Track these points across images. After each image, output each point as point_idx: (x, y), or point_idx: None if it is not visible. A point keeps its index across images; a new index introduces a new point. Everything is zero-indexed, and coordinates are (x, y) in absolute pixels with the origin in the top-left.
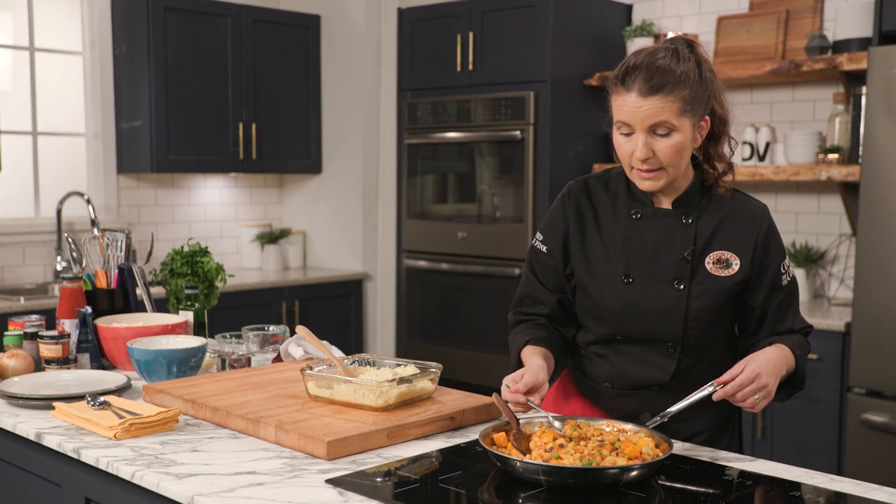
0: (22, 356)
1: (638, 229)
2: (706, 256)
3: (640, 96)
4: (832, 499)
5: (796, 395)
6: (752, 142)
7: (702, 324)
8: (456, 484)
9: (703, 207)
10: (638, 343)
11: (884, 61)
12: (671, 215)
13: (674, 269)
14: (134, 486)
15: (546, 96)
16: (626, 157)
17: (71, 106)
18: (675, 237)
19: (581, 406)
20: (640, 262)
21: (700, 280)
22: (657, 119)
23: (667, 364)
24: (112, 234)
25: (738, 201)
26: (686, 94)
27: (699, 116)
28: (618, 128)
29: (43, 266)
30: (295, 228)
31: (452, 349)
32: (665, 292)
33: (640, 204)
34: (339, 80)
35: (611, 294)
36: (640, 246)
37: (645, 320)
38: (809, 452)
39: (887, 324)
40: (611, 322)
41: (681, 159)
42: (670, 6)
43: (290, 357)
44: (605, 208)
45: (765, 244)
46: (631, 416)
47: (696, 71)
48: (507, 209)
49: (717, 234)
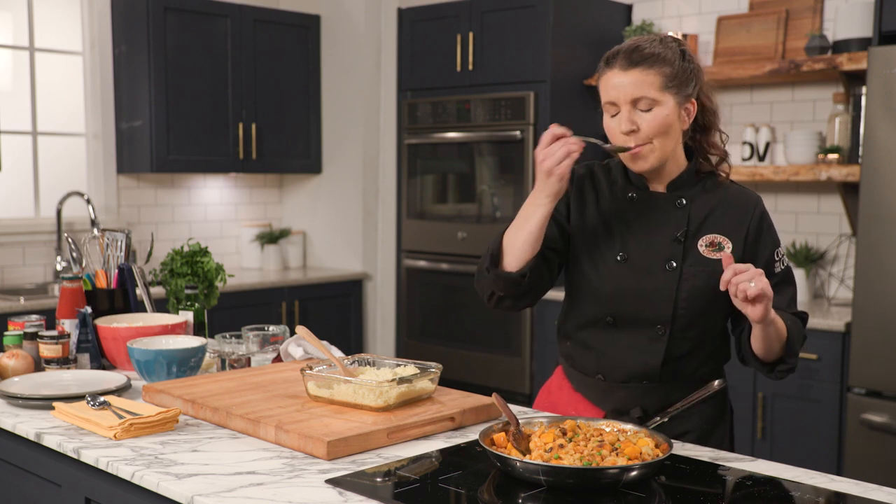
0: (22, 356)
1: (633, 210)
2: (699, 239)
3: (620, 70)
4: (832, 499)
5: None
6: (752, 142)
7: (692, 306)
8: (456, 484)
9: (697, 193)
10: (627, 326)
11: (884, 61)
12: (665, 198)
13: (666, 249)
14: (134, 486)
15: (546, 96)
16: (616, 138)
17: (71, 106)
18: (669, 219)
19: (571, 401)
20: (635, 242)
21: (692, 262)
22: (639, 93)
23: (656, 348)
24: (112, 234)
25: (732, 190)
26: (667, 71)
27: (684, 97)
28: (606, 110)
29: (43, 266)
30: (295, 228)
31: (452, 349)
32: (657, 272)
33: (636, 188)
34: (339, 80)
35: (605, 272)
36: (635, 227)
37: (636, 299)
38: (809, 452)
39: (887, 324)
40: (603, 302)
41: (666, 135)
42: (670, 6)
43: (290, 357)
44: (605, 191)
45: (757, 231)
46: (622, 412)
47: (679, 54)
48: (507, 209)
49: (710, 219)
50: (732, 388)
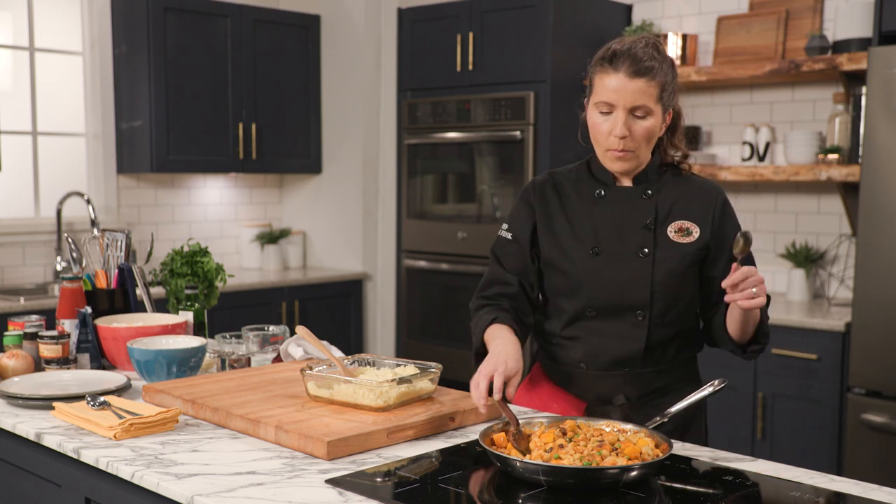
0: (22, 356)
1: (602, 206)
2: (667, 226)
3: (627, 77)
4: (832, 499)
5: (761, 352)
6: (752, 142)
7: (668, 290)
8: (456, 484)
9: (662, 185)
10: (608, 316)
11: (884, 61)
12: (632, 191)
13: (638, 238)
14: (134, 487)
15: (546, 96)
16: (603, 136)
17: (71, 106)
18: (637, 209)
19: (551, 394)
20: (606, 235)
21: (663, 247)
22: (639, 101)
23: (639, 334)
24: (112, 234)
25: (694, 182)
26: (664, 83)
27: (667, 107)
28: (597, 107)
29: (43, 266)
30: (295, 228)
31: (452, 349)
32: (631, 260)
33: (603, 184)
34: (339, 80)
35: (580, 266)
36: (605, 220)
37: (614, 289)
38: (809, 452)
39: (887, 324)
40: (581, 295)
41: (649, 144)
42: (670, 6)
43: (290, 357)
44: (569, 192)
45: (721, 217)
46: (605, 401)
47: (670, 66)
48: (507, 209)
49: (676, 208)
50: (732, 388)
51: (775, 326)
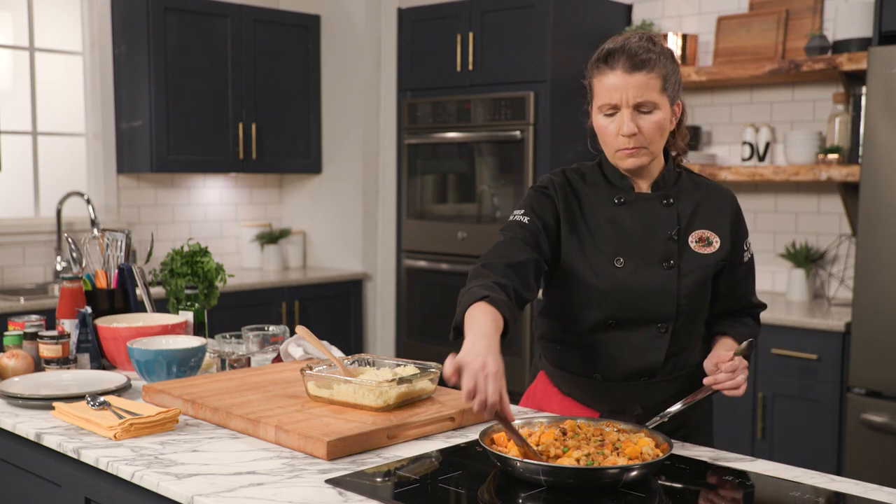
0: (22, 356)
1: (622, 214)
2: (689, 236)
3: (624, 73)
4: (832, 499)
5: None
6: (752, 142)
7: (691, 301)
8: (456, 484)
9: (679, 190)
10: (630, 327)
11: (884, 61)
12: (653, 199)
13: (662, 249)
14: (134, 487)
15: (546, 96)
16: (612, 138)
17: (71, 106)
18: (660, 219)
19: (560, 406)
20: (629, 245)
21: (687, 258)
22: (643, 96)
23: (659, 346)
24: (112, 234)
25: (707, 186)
26: (665, 73)
27: (674, 99)
28: (601, 110)
29: (43, 266)
30: (295, 228)
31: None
32: (656, 272)
33: (621, 190)
34: (339, 80)
35: (604, 276)
36: (627, 229)
37: (638, 301)
38: (809, 452)
39: (887, 324)
40: (605, 306)
41: (661, 137)
42: (670, 6)
43: (290, 357)
44: (587, 197)
45: (736, 224)
46: (619, 412)
47: (669, 56)
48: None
49: (697, 215)
50: None
51: (775, 326)
